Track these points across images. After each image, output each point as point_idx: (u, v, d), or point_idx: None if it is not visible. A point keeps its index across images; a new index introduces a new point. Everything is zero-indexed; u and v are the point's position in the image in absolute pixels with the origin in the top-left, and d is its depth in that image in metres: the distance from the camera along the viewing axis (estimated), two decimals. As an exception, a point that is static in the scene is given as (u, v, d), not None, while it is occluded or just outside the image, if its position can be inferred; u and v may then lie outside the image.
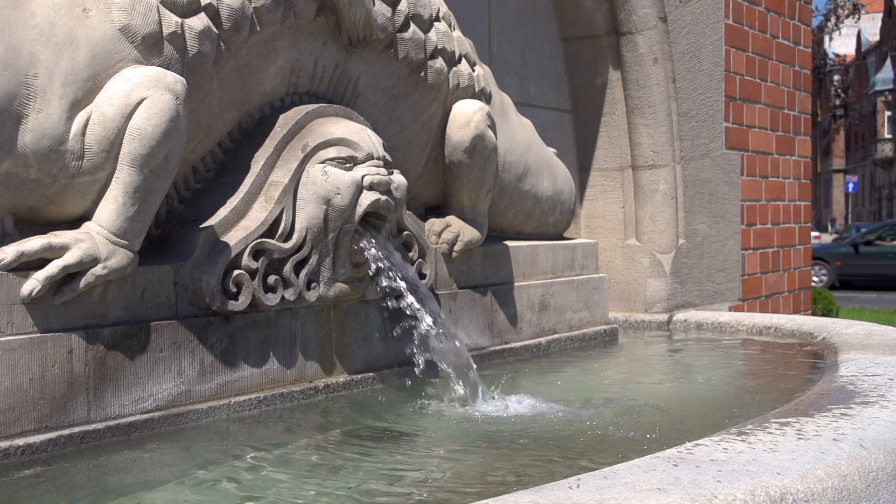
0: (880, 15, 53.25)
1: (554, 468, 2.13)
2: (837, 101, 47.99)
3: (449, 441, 2.49)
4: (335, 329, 2.91)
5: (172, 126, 2.29)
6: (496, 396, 2.88)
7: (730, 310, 5.61)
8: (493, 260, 3.62)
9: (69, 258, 2.19)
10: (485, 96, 3.54)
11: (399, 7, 3.09)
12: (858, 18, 40.44)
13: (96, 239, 2.25)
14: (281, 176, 2.70)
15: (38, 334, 2.17)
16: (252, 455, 2.26)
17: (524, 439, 2.43)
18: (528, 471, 2.13)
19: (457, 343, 2.97)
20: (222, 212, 2.60)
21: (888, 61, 49.29)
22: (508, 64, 4.58)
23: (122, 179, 2.27)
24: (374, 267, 2.83)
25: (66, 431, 2.20)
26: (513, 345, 3.70)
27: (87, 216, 2.31)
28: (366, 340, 3.01)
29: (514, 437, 2.46)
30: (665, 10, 4.99)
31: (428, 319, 2.89)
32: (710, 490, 1.49)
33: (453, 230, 3.38)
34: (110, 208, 2.28)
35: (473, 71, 3.47)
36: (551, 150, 4.20)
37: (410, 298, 2.87)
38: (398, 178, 2.91)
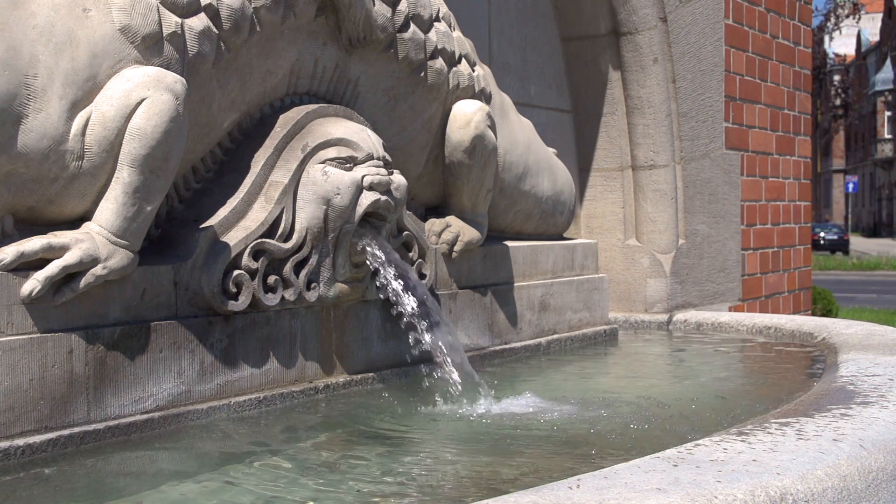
0: (880, 15, 53.24)
1: (554, 468, 2.13)
2: (837, 101, 47.98)
3: (449, 441, 2.49)
4: (335, 329, 2.91)
5: (172, 126, 2.29)
6: (496, 397, 2.88)
7: (730, 310, 5.61)
8: (493, 260, 3.62)
9: (69, 258, 2.19)
10: (485, 96, 3.53)
11: (399, 7, 3.09)
12: (858, 18, 40.42)
13: (96, 239, 2.25)
14: (281, 176, 2.70)
15: (38, 334, 2.17)
16: (252, 455, 2.26)
17: (524, 439, 2.43)
18: (528, 471, 2.13)
19: (456, 344, 2.97)
20: (222, 212, 2.60)
21: (888, 61, 49.28)
22: (508, 64, 4.58)
23: (122, 179, 2.27)
24: (373, 267, 2.83)
25: (66, 432, 2.20)
26: (513, 345, 3.70)
27: (87, 216, 2.31)
28: (366, 340, 3.01)
29: (514, 437, 2.46)
30: (665, 10, 4.99)
31: (426, 320, 2.89)
32: (710, 490, 1.49)
33: (453, 230, 3.38)
34: (110, 208, 2.28)
35: (473, 71, 3.47)
36: (551, 150, 4.20)
37: (408, 300, 2.87)
38: (398, 179, 2.91)
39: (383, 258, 2.83)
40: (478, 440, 2.45)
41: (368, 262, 2.83)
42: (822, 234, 31.84)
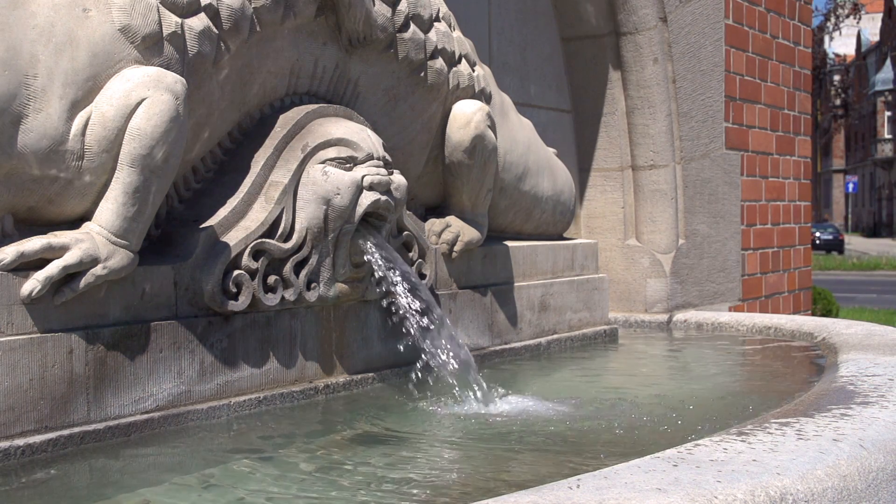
0: (880, 15, 53.25)
1: (554, 468, 2.13)
2: (837, 101, 47.98)
3: (449, 441, 2.49)
4: (335, 329, 2.91)
5: (172, 126, 2.29)
6: (496, 397, 2.88)
7: (730, 310, 5.61)
8: (493, 260, 3.62)
9: (69, 258, 2.19)
10: (485, 96, 3.54)
11: (399, 7, 3.09)
12: (859, 18, 40.44)
13: (96, 239, 2.25)
14: (281, 176, 2.70)
15: (38, 334, 2.17)
16: (252, 456, 2.26)
17: (524, 439, 2.43)
18: (528, 471, 2.13)
19: (457, 344, 2.97)
20: (222, 212, 2.60)
21: (888, 61, 49.28)
22: (508, 64, 4.58)
23: (122, 180, 2.27)
24: (373, 267, 2.83)
25: (66, 432, 2.20)
26: (513, 345, 3.70)
27: (87, 216, 2.30)
28: (366, 340, 3.01)
29: (514, 437, 2.46)
30: (665, 11, 4.99)
31: (426, 320, 2.89)
32: (710, 490, 1.49)
33: (453, 230, 3.38)
34: (110, 208, 2.28)
35: (473, 71, 3.47)
36: (551, 150, 4.20)
37: (408, 299, 2.87)
38: (398, 179, 2.91)
39: (383, 259, 2.83)
40: (477, 440, 2.45)
41: (368, 262, 2.83)
42: (817, 234, 32.10)
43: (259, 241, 2.62)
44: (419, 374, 2.95)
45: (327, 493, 1.95)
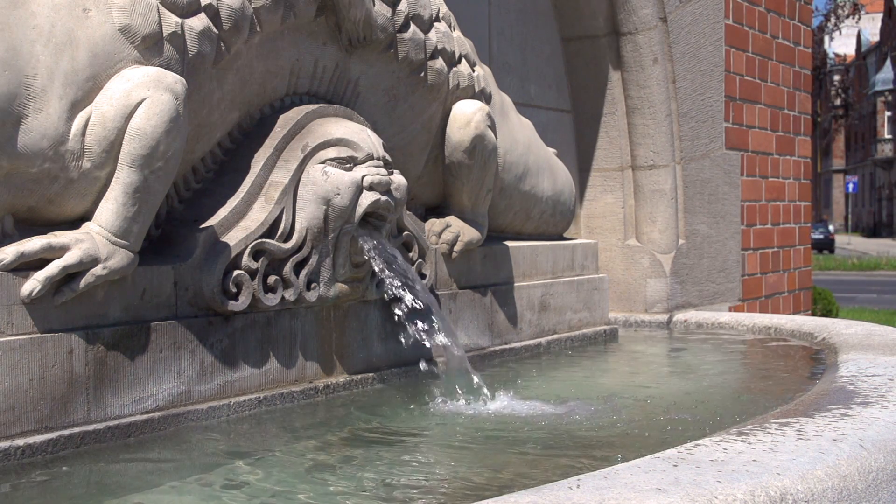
0: (880, 15, 53.26)
1: (554, 468, 2.13)
2: (837, 102, 48.00)
3: (449, 441, 2.49)
4: (335, 329, 2.91)
5: (172, 126, 2.29)
6: (496, 397, 2.88)
7: (730, 310, 5.61)
8: (493, 260, 3.62)
9: (69, 258, 2.19)
10: (485, 96, 3.54)
11: (399, 7, 3.09)
12: (858, 18, 40.46)
13: (96, 239, 2.25)
14: (281, 176, 2.70)
15: (38, 334, 2.17)
16: (252, 456, 2.26)
17: (524, 439, 2.43)
18: (528, 471, 2.13)
19: (455, 344, 2.97)
20: (222, 212, 2.60)
21: (888, 61, 49.28)
22: (508, 64, 4.58)
23: (122, 180, 2.27)
24: (373, 267, 2.83)
25: (66, 432, 2.20)
26: (513, 345, 3.70)
27: (87, 216, 2.30)
28: (366, 340, 3.01)
29: (514, 437, 2.46)
30: (665, 11, 4.99)
31: (426, 320, 2.89)
32: (710, 490, 1.49)
33: (453, 230, 3.38)
34: (110, 209, 2.28)
35: (473, 71, 3.47)
36: (551, 150, 4.20)
37: (408, 299, 2.87)
38: (398, 179, 2.91)
39: (383, 259, 2.83)
40: (477, 440, 2.45)
41: (368, 262, 2.83)
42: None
43: (259, 241, 2.62)
44: (419, 375, 2.95)
45: (327, 493, 1.95)
